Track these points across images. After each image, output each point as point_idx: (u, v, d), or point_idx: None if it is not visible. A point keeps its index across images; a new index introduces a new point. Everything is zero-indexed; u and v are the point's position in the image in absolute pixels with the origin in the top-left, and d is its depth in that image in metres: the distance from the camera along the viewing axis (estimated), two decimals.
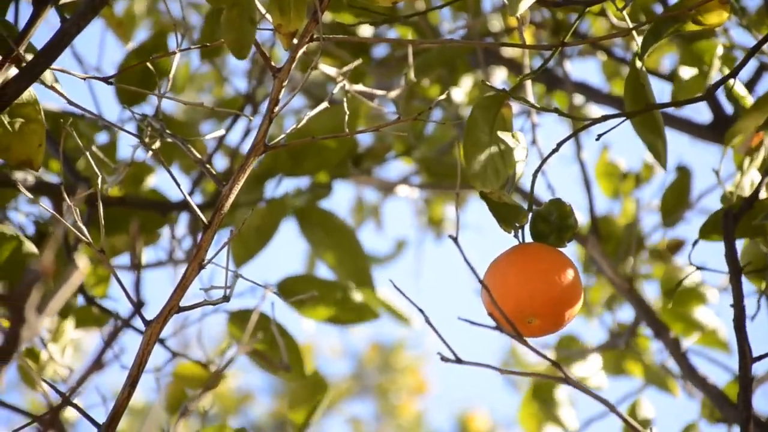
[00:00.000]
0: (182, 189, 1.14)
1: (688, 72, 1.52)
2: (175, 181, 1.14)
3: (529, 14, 1.74)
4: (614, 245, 1.93)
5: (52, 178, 1.81)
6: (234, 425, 1.65)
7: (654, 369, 1.91)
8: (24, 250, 1.13)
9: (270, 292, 1.37)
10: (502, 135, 1.16)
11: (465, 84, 1.95)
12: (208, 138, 1.30)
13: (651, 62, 2.10)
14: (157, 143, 1.26)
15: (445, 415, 4.98)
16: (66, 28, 1.10)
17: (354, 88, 1.49)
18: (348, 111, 1.20)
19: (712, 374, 1.75)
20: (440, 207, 2.76)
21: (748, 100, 1.41)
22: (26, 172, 1.65)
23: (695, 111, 1.99)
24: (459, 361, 1.07)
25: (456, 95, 1.93)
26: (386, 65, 1.94)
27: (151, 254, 1.96)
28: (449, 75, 1.91)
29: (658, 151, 1.25)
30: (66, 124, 1.17)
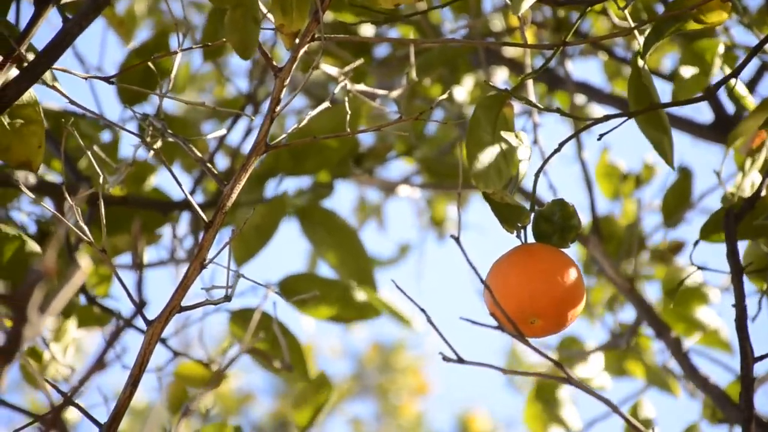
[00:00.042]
0: (184, 188, 1.14)
1: (689, 71, 1.52)
2: (177, 181, 1.14)
3: (531, 14, 1.74)
4: (615, 245, 1.93)
5: (54, 178, 1.81)
6: (234, 425, 1.65)
7: (655, 369, 1.91)
8: (27, 250, 1.13)
9: (272, 292, 1.37)
10: (505, 135, 1.16)
11: (466, 83, 1.95)
12: (210, 137, 1.30)
13: (652, 62, 2.10)
14: (159, 143, 1.26)
15: (446, 416, 4.98)
16: (68, 28, 1.10)
17: (355, 88, 1.49)
18: (349, 110, 1.20)
19: (714, 374, 1.75)
20: (442, 207, 2.76)
21: (749, 100, 1.41)
22: (27, 172, 1.65)
23: (696, 110, 1.99)
24: (461, 361, 1.07)
25: (457, 95, 1.93)
26: (387, 65, 1.94)
27: (153, 253, 1.97)
28: (451, 74, 1.91)
29: (665, 150, 1.24)
30: (67, 124, 1.17)
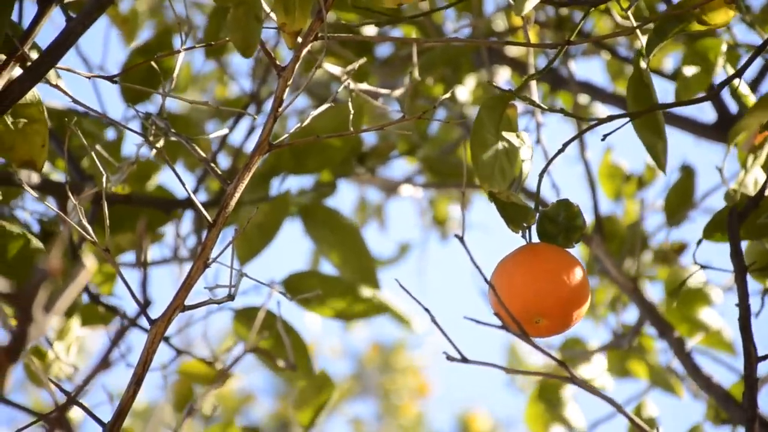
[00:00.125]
0: (187, 188, 1.14)
1: (692, 70, 1.52)
2: (180, 180, 1.14)
3: (534, 13, 1.74)
4: (618, 245, 1.93)
5: (57, 177, 1.81)
6: (243, 426, 1.65)
7: (658, 370, 1.91)
8: (31, 248, 1.13)
9: (276, 291, 1.37)
10: (508, 135, 1.16)
11: (469, 83, 1.95)
12: (213, 137, 1.30)
13: (654, 61, 2.09)
14: (162, 142, 1.26)
15: (446, 416, 4.98)
16: (71, 27, 1.10)
17: (358, 87, 1.49)
18: (352, 110, 1.20)
19: (717, 374, 1.75)
20: (444, 207, 2.75)
21: (752, 100, 1.41)
22: (31, 171, 1.65)
23: (699, 110, 1.98)
24: (465, 361, 1.07)
25: (460, 95, 1.92)
26: (390, 65, 1.94)
27: (156, 252, 1.96)
28: (453, 74, 1.91)
29: (658, 153, 1.24)
30: (70, 123, 1.17)
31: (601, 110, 2.11)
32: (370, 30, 1.89)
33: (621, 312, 2.01)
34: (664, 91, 1.27)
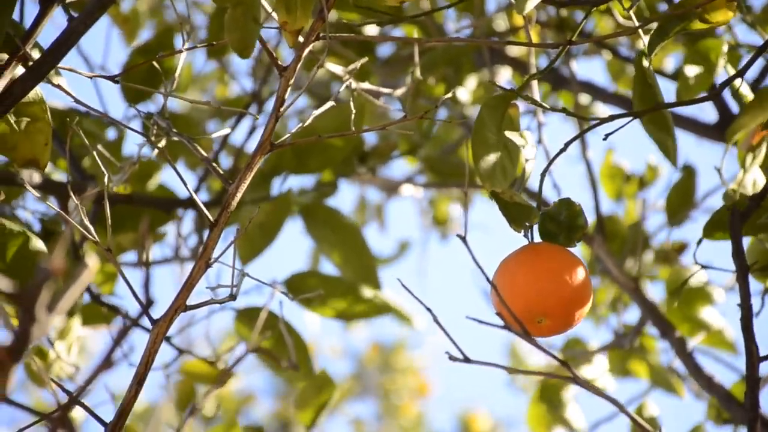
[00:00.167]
0: (189, 187, 1.14)
1: (694, 71, 1.52)
2: (182, 180, 1.14)
3: (536, 13, 1.74)
4: (619, 244, 1.93)
5: (59, 177, 1.81)
6: (237, 426, 1.64)
7: (660, 370, 1.91)
8: (31, 246, 1.13)
9: (278, 291, 1.37)
10: (510, 134, 1.16)
11: (470, 83, 1.95)
12: (215, 136, 1.30)
13: (655, 61, 2.09)
14: (163, 141, 1.26)
15: (447, 416, 4.98)
16: (73, 27, 1.10)
17: (360, 87, 1.49)
18: (354, 109, 1.20)
19: (719, 374, 1.75)
20: (445, 207, 2.75)
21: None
22: (32, 171, 1.65)
23: (700, 110, 1.98)
24: (467, 361, 1.07)
25: (461, 94, 1.92)
26: (391, 64, 1.94)
27: (157, 251, 1.96)
28: (454, 74, 1.91)
29: (668, 150, 1.24)
30: (72, 123, 1.17)
31: (602, 110, 2.11)
32: (372, 29, 1.89)
33: (622, 312, 2.00)
34: (665, 91, 1.27)
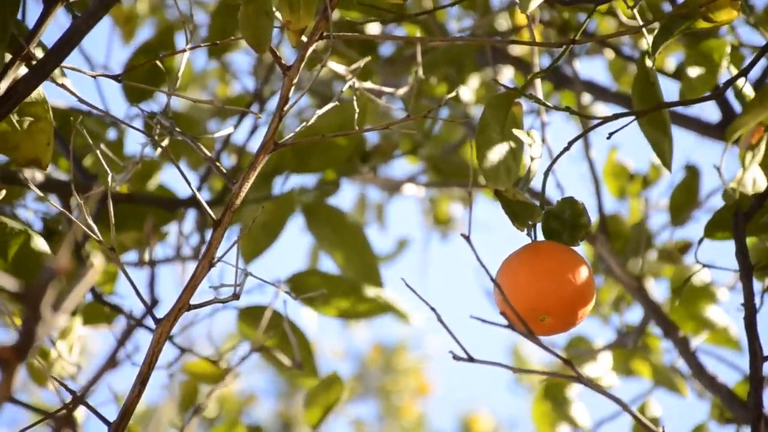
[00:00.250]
0: (192, 187, 1.14)
1: (697, 71, 1.52)
2: (186, 179, 1.14)
3: (539, 12, 1.73)
4: (622, 244, 1.93)
5: (60, 176, 1.81)
6: (240, 426, 1.64)
7: (663, 369, 1.90)
8: (33, 245, 1.13)
9: (281, 290, 1.37)
10: (517, 133, 1.15)
11: (472, 83, 1.95)
12: (218, 135, 1.30)
13: (657, 61, 2.09)
14: (166, 141, 1.25)
15: (448, 416, 4.98)
16: (77, 26, 1.10)
17: (362, 86, 1.48)
18: (357, 108, 1.20)
19: (721, 373, 1.75)
20: (445, 206, 2.75)
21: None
22: (34, 170, 1.65)
23: (703, 109, 1.98)
24: (471, 360, 1.06)
25: (463, 94, 1.92)
26: (393, 64, 1.94)
27: (159, 251, 1.96)
28: (457, 73, 1.91)
29: (663, 151, 1.24)
30: (75, 122, 1.17)
31: (604, 110, 2.11)
32: (374, 28, 1.89)
33: (625, 311, 2.00)
34: (667, 91, 1.27)
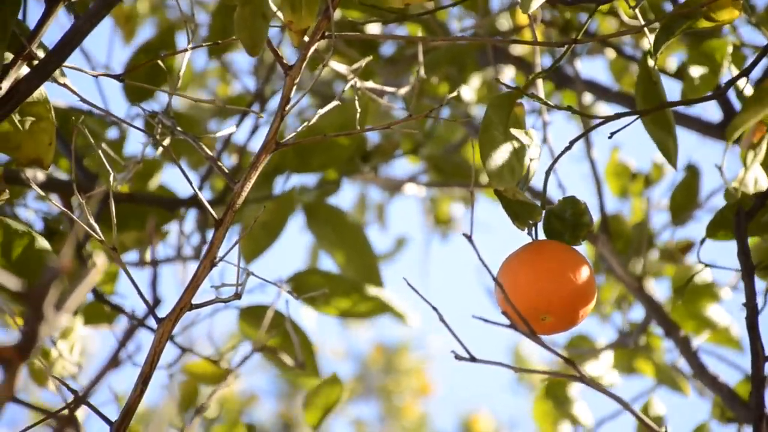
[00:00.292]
0: (194, 186, 1.14)
1: (699, 70, 1.51)
2: (187, 179, 1.14)
3: (541, 12, 1.73)
4: (624, 243, 1.93)
5: (61, 176, 1.81)
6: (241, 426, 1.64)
7: (665, 368, 1.90)
8: (36, 246, 1.13)
9: (283, 290, 1.37)
10: (516, 133, 1.15)
11: (474, 82, 1.95)
12: (219, 135, 1.30)
13: (659, 60, 2.08)
14: (168, 140, 1.25)
15: (449, 416, 4.98)
16: (79, 26, 1.10)
17: (364, 86, 1.48)
18: (359, 108, 1.19)
19: (723, 373, 1.75)
20: (446, 206, 2.75)
21: None
22: (36, 170, 1.65)
23: (705, 109, 1.98)
24: (473, 360, 1.06)
25: (464, 93, 1.92)
26: (394, 64, 1.94)
27: (159, 250, 1.96)
28: (458, 73, 1.91)
29: (669, 150, 1.24)
30: (76, 122, 1.17)
31: (605, 109, 2.10)
32: (375, 28, 1.89)
33: (627, 310, 2.00)
34: (669, 90, 1.27)
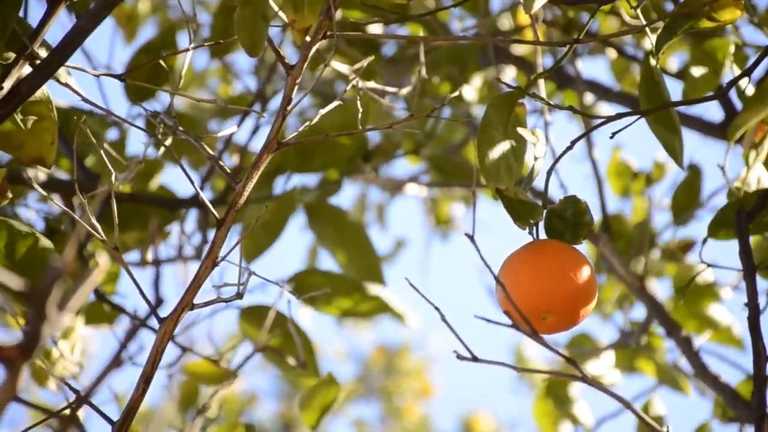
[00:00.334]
0: (196, 186, 1.14)
1: (700, 70, 1.51)
2: (189, 178, 1.14)
3: (543, 12, 1.73)
4: (625, 243, 1.93)
5: (61, 176, 1.81)
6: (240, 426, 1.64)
7: (666, 368, 1.90)
8: (40, 247, 1.13)
9: (286, 290, 1.37)
10: (522, 132, 1.15)
11: (475, 82, 1.95)
12: (221, 135, 1.30)
13: (660, 60, 2.09)
14: (169, 140, 1.25)
15: (450, 417, 4.97)
16: (81, 26, 1.10)
17: (365, 85, 1.48)
18: (360, 108, 1.19)
19: (725, 373, 1.75)
20: (446, 206, 2.75)
21: None
22: (37, 169, 1.64)
23: (707, 109, 1.98)
24: (475, 360, 1.06)
25: (466, 93, 1.92)
26: (396, 64, 1.94)
27: (160, 250, 1.96)
28: (459, 73, 1.91)
29: (674, 149, 1.24)
30: (78, 122, 1.17)
31: (606, 110, 2.10)
32: (377, 28, 1.89)
33: (628, 310, 2.00)
34: (670, 90, 1.27)
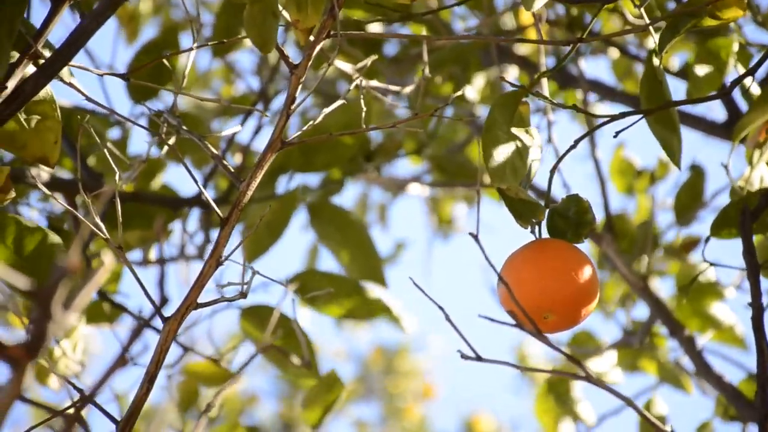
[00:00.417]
0: (199, 185, 1.14)
1: (704, 69, 1.51)
2: (193, 178, 1.14)
3: (545, 11, 1.73)
4: (628, 243, 1.93)
5: (63, 175, 1.80)
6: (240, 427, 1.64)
7: (668, 366, 1.90)
8: (48, 243, 1.13)
9: (288, 289, 1.37)
10: (517, 132, 1.15)
11: (478, 82, 1.95)
12: (224, 134, 1.30)
13: (663, 59, 2.08)
14: (173, 139, 1.25)
15: (450, 418, 4.98)
16: (85, 26, 1.10)
17: (369, 85, 1.48)
18: (364, 107, 1.19)
19: (728, 372, 1.75)
20: (448, 206, 2.75)
21: None
22: (40, 168, 1.64)
23: (709, 108, 1.98)
24: (479, 359, 1.06)
25: (469, 93, 1.92)
26: (399, 63, 1.94)
27: (163, 250, 1.96)
28: (462, 73, 1.91)
29: (673, 150, 1.24)
30: (81, 121, 1.17)
31: (609, 109, 2.10)
32: (380, 28, 1.89)
33: (631, 308, 2.00)
34: (673, 90, 1.27)
